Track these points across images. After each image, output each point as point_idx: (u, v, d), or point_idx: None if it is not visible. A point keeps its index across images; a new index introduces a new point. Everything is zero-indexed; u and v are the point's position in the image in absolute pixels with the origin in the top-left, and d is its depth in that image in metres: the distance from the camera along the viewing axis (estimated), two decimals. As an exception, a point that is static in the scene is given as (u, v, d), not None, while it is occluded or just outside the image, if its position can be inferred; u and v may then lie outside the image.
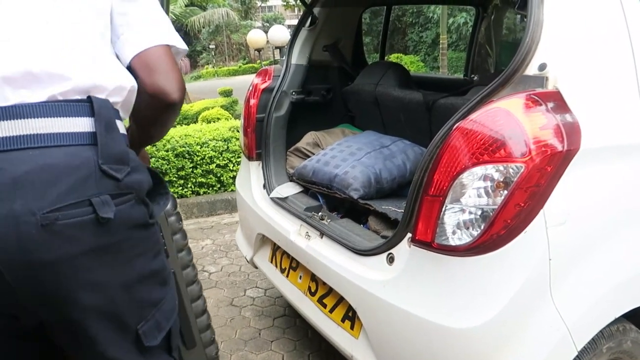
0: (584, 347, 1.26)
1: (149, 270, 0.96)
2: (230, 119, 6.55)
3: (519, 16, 2.78)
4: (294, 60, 2.27)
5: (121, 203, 0.86)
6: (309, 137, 2.23)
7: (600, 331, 1.29)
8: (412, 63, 13.57)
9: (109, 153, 0.85)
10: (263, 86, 2.18)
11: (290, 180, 2.13)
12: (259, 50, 12.08)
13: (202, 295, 1.38)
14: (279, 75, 2.21)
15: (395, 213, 1.62)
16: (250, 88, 2.21)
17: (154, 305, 0.98)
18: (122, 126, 0.94)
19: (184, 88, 1.00)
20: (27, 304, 0.85)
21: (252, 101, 2.16)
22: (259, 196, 2.09)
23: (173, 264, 1.25)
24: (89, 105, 0.85)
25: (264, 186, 2.09)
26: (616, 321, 1.33)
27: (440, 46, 12.28)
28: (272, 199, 2.02)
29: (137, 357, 0.97)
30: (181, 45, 1.04)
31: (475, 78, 2.74)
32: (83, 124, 0.84)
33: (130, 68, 0.97)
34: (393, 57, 13.21)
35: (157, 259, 0.99)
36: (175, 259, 1.29)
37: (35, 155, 0.79)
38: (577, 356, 1.24)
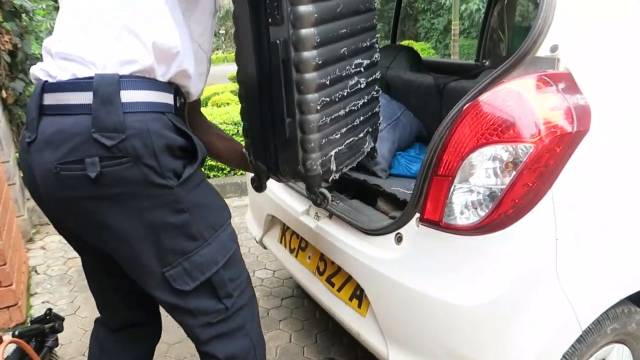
0: (589, 327, 1.27)
1: (166, 223, 1.10)
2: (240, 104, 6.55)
3: (531, 0, 2.75)
4: (306, 42, 2.26)
5: (113, 165, 1.02)
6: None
7: (605, 312, 1.30)
8: (423, 50, 13.43)
9: (102, 123, 1.00)
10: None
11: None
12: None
13: None
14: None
15: (404, 194, 1.64)
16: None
17: (180, 254, 1.12)
18: (142, 95, 1.04)
19: None
20: (70, 226, 1.16)
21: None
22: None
23: None
24: (91, 82, 1.01)
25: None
26: (621, 303, 1.34)
27: (452, 33, 12.14)
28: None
29: (173, 297, 1.16)
30: None
31: (487, 63, 2.72)
32: (85, 98, 1.01)
33: None
34: (404, 44, 13.07)
35: (180, 215, 1.11)
36: None
37: (58, 120, 1.03)
38: (581, 336, 1.26)
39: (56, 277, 2.82)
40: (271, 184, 2.07)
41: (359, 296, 1.59)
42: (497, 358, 1.24)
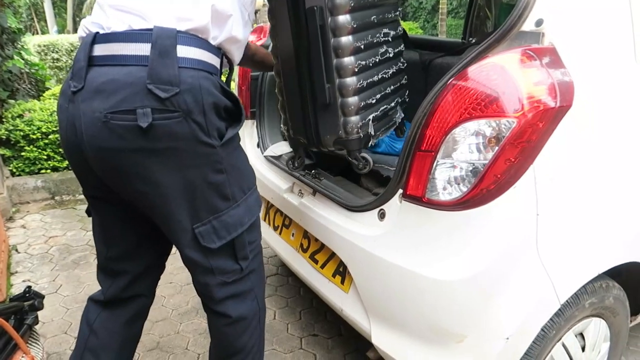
0: (567, 301, 1.29)
1: (204, 181, 1.13)
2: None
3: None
4: (290, 17, 2.23)
5: (164, 118, 1.03)
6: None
7: (584, 286, 1.32)
8: (411, 30, 13.34)
9: (157, 75, 1.02)
10: (258, 43, 2.15)
11: (284, 139, 2.13)
12: (255, 12, 11.80)
13: None
14: (275, 33, 2.17)
15: (388, 170, 1.63)
16: (245, 46, 2.18)
17: (211, 212, 1.17)
18: (194, 52, 1.07)
19: None
20: (103, 178, 1.14)
21: (247, 59, 2.14)
22: (253, 155, 2.09)
23: None
24: (150, 34, 1.03)
25: (258, 145, 2.09)
26: (599, 277, 1.36)
27: (440, 12, 12.07)
28: (265, 157, 2.02)
29: (199, 254, 1.20)
30: None
31: (473, 41, 2.70)
32: (142, 49, 1.03)
33: None
34: (391, 23, 12.95)
35: (218, 175, 1.15)
36: None
37: (109, 70, 1.04)
38: (559, 309, 1.28)
39: (37, 256, 2.79)
40: (256, 161, 2.06)
41: (342, 273, 1.59)
42: (478, 332, 1.25)
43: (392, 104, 1.56)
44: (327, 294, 1.65)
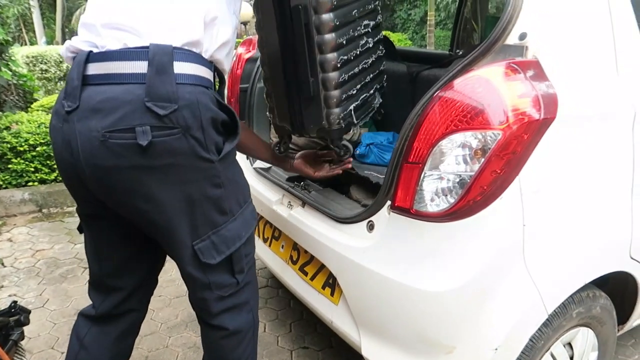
0: (555, 311, 1.30)
1: (203, 196, 1.13)
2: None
3: (504, -9, 2.77)
4: (279, 30, 2.24)
5: (163, 135, 1.04)
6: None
7: (571, 296, 1.33)
8: (400, 41, 13.47)
9: (156, 92, 1.02)
10: (247, 56, 2.16)
11: (274, 151, 2.13)
12: (244, 23, 11.84)
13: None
14: (264, 45, 2.18)
15: (377, 178, 1.64)
16: (234, 58, 2.19)
17: (210, 227, 1.17)
18: (191, 68, 1.08)
19: None
20: (100, 197, 1.13)
21: (236, 71, 2.15)
22: (243, 166, 2.07)
23: None
24: (146, 51, 1.03)
25: (247, 156, 2.09)
26: (586, 287, 1.38)
27: (428, 24, 12.20)
28: (255, 169, 2.02)
29: (198, 271, 1.20)
30: None
31: (460, 53, 2.74)
32: (139, 67, 1.03)
33: None
34: (381, 34, 13.06)
35: (215, 189, 1.15)
36: None
37: (106, 89, 1.04)
38: (547, 319, 1.29)
39: (24, 270, 2.75)
40: (245, 173, 2.05)
41: (331, 284, 1.59)
42: (467, 343, 1.26)
43: (371, 91, 1.64)
44: (317, 306, 1.65)
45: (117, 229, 1.26)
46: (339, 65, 1.38)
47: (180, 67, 1.06)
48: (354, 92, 1.49)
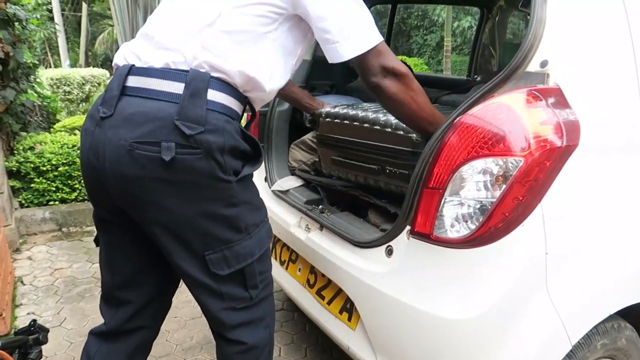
0: (579, 342, 1.27)
1: (217, 214, 1.17)
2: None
3: (522, 18, 2.80)
4: (299, 55, 2.28)
5: (186, 154, 1.09)
6: (316, 131, 2.25)
7: (595, 327, 1.30)
8: (416, 66, 13.58)
9: (186, 113, 1.08)
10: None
11: (292, 174, 2.15)
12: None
13: None
14: (283, 70, 2.22)
15: (396, 207, 1.63)
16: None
17: (223, 242, 1.20)
18: (222, 97, 1.14)
19: (391, 69, 1.22)
20: (119, 203, 1.18)
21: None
22: (261, 189, 2.08)
23: None
24: (185, 74, 1.10)
25: (266, 179, 2.11)
26: (611, 318, 1.34)
27: (445, 49, 12.29)
28: (273, 191, 2.03)
29: (208, 279, 1.23)
30: (376, 39, 1.20)
31: (478, 78, 2.75)
32: (176, 87, 1.10)
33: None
34: (397, 59, 13.19)
35: (231, 209, 1.19)
36: None
37: (141, 102, 1.11)
38: (571, 351, 1.26)
39: (42, 288, 2.77)
40: (263, 195, 2.06)
41: (349, 309, 1.57)
42: (487, 373, 1.23)
43: None
44: (334, 330, 1.63)
45: (130, 237, 1.29)
46: None
47: (213, 95, 1.12)
48: None
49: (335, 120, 1.83)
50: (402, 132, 1.55)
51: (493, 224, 1.14)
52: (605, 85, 1.29)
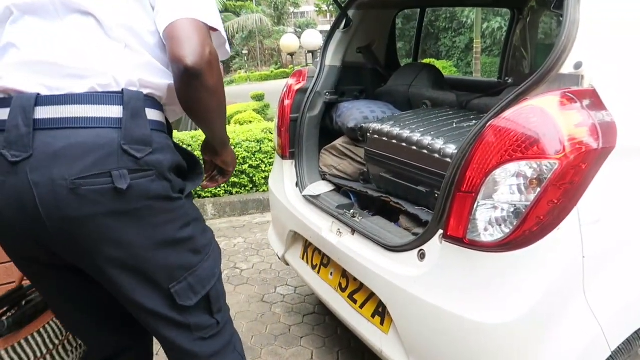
0: (618, 347, 1.24)
1: (176, 238, 1.10)
2: (262, 121, 6.66)
3: (555, 18, 2.75)
4: (328, 61, 2.31)
5: (140, 177, 1.01)
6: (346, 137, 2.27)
7: (636, 332, 1.27)
8: (444, 68, 13.46)
9: (132, 136, 1.00)
10: (297, 87, 2.23)
11: (323, 179, 2.17)
12: (291, 54, 12.18)
13: None
14: (313, 77, 2.25)
15: (427, 214, 1.63)
16: (285, 89, 2.26)
17: (185, 269, 1.13)
18: (155, 114, 1.07)
19: (205, 56, 1.01)
20: (60, 252, 1.06)
21: (287, 101, 2.22)
22: (292, 194, 2.13)
23: None
24: (120, 96, 1.01)
25: (297, 184, 2.14)
26: (652, 323, 1.31)
27: (474, 51, 12.15)
28: (304, 196, 2.06)
29: (174, 313, 1.14)
30: (212, 21, 1.06)
31: (510, 81, 2.72)
32: (113, 111, 1.00)
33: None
34: (425, 62, 13.14)
35: (186, 229, 1.12)
36: None
37: (68, 134, 0.98)
38: (610, 356, 1.23)
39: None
40: (294, 200, 2.10)
41: (381, 313, 1.58)
42: (523, 378, 1.22)
43: None
44: (366, 334, 1.64)
45: (71, 284, 1.20)
46: None
47: (150, 113, 1.05)
48: None
49: (383, 138, 1.83)
50: (449, 160, 1.52)
51: (528, 228, 1.14)
52: (643, 86, 1.26)
